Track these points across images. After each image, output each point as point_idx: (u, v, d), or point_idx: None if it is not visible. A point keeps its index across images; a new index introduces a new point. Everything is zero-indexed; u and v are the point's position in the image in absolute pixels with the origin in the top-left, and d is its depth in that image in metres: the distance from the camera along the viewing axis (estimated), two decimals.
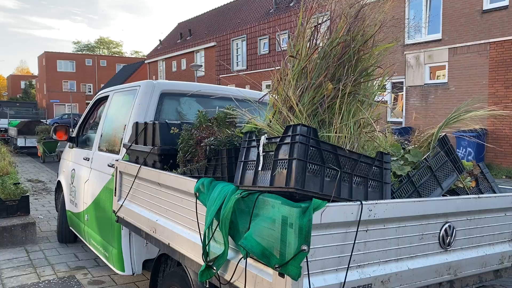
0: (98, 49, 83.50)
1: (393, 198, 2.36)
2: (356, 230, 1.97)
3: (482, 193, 2.98)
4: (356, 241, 1.99)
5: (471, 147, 12.81)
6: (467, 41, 13.53)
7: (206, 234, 2.23)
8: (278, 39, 16.41)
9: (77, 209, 5.20)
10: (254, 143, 2.12)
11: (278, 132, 2.07)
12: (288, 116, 2.01)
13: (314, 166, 1.93)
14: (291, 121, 2.02)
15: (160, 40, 41.18)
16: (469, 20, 13.70)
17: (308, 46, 2.12)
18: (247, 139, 2.18)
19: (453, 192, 2.89)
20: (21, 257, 5.42)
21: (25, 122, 19.48)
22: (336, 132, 2.03)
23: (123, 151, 3.94)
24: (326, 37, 2.17)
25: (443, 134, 2.57)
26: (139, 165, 3.32)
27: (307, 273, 1.82)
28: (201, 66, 20.11)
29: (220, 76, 27.19)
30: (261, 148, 2.02)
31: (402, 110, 15.33)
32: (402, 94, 15.34)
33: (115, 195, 3.81)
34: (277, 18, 24.23)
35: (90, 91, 62.91)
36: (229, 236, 2.14)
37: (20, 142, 18.54)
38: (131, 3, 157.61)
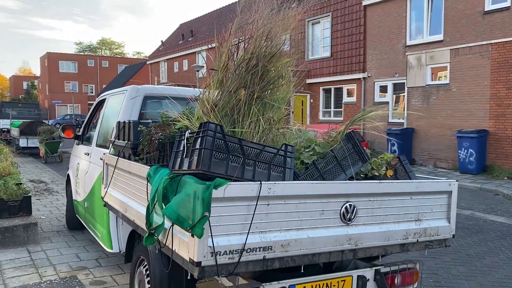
0: (100, 50, 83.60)
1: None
2: (255, 203, 2.56)
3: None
4: (256, 212, 2.57)
5: (473, 149, 13.01)
6: (469, 42, 13.73)
7: (149, 208, 2.86)
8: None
9: (80, 198, 5.94)
10: (183, 137, 2.74)
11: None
12: (205, 116, 2.63)
13: (221, 154, 2.53)
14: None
15: (162, 41, 40.81)
16: (470, 21, 13.93)
17: (225, 61, 2.73)
18: (179, 133, 2.81)
19: (370, 179, 3.43)
20: (23, 257, 5.45)
21: (27, 122, 19.25)
22: (242, 128, 2.63)
23: (111, 146, 4.63)
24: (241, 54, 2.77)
25: (351, 130, 3.12)
26: (117, 157, 3.99)
27: (210, 234, 2.43)
28: (203, 67, 20.22)
29: None
30: (185, 141, 2.65)
31: (403, 111, 15.61)
32: (404, 95, 15.62)
33: (102, 183, 4.50)
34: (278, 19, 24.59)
35: (92, 92, 62.71)
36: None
37: (22, 142, 18.40)
38: (132, 4, 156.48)
